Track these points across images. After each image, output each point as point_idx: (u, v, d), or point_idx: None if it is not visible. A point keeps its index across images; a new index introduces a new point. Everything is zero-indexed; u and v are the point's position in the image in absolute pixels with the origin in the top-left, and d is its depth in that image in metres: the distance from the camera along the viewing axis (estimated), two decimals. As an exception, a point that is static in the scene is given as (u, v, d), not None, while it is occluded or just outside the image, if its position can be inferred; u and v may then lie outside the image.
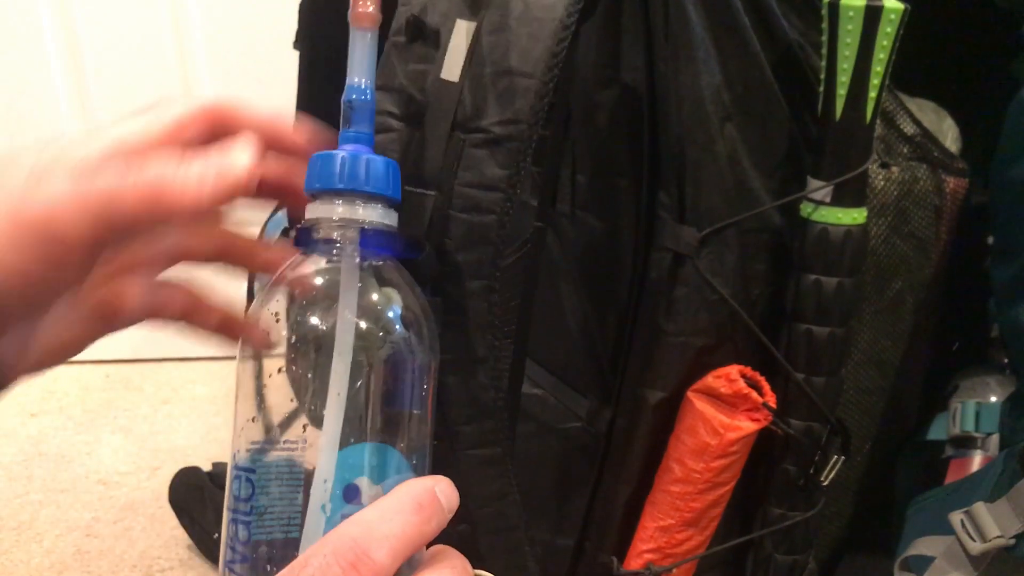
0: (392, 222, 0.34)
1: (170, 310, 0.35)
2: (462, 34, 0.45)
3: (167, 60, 1.25)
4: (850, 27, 0.46)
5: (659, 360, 0.51)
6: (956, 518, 0.51)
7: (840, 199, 0.49)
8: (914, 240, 0.56)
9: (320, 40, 0.66)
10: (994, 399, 0.60)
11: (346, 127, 0.35)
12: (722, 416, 0.50)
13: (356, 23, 0.35)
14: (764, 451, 0.53)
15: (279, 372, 0.33)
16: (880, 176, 0.54)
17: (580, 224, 0.52)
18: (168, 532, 1.01)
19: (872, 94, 0.47)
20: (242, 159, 0.31)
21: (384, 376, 0.33)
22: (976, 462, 0.58)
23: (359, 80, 0.35)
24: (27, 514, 1.06)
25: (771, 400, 0.51)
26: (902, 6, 0.46)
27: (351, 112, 0.35)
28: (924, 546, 0.53)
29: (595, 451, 0.55)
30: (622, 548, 0.55)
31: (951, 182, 0.56)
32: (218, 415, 1.29)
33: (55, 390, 1.35)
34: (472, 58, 0.45)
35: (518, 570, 0.54)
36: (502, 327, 0.55)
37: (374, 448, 0.32)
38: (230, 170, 0.31)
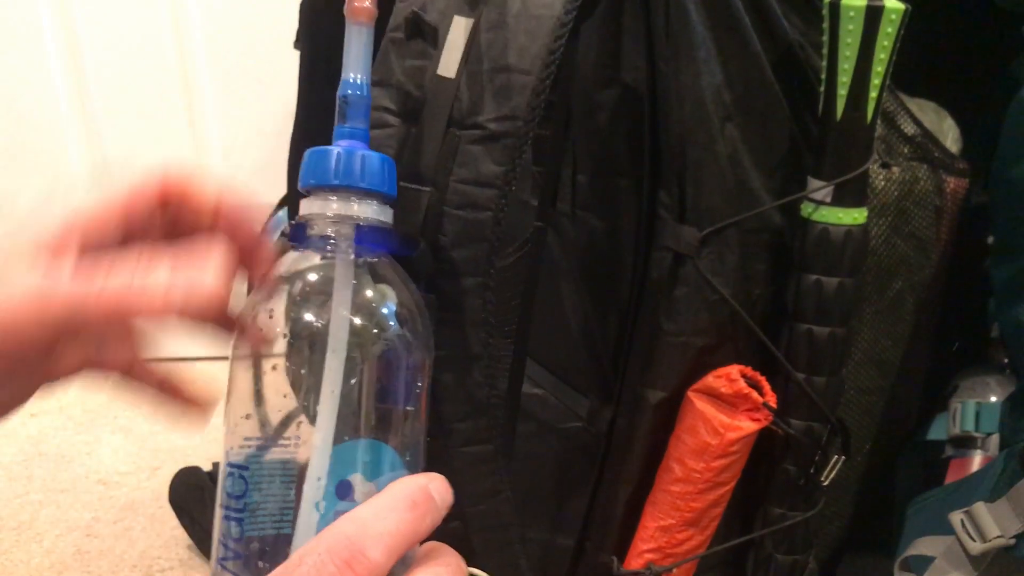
0: (387, 219, 0.34)
1: (110, 368, 0.35)
2: (460, 31, 0.45)
3: (167, 60, 1.25)
4: (851, 27, 0.46)
5: (660, 360, 0.51)
6: (956, 518, 0.51)
7: (841, 199, 0.49)
8: (914, 240, 0.56)
9: (320, 40, 0.66)
10: (994, 399, 0.60)
11: (341, 123, 0.34)
12: (723, 416, 0.50)
13: (352, 17, 0.35)
14: (764, 451, 0.53)
15: (273, 369, 0.33)
16: (880, 176, 0.54)
17: (581, 224, 0.52)
18: (168, 532, 1.01)
19: (873, 94, 0.47)
20: (209, 280, 0.30)
21: (378, 373, 0.32)
22: (976, 462, 0.58)
23: (354, 75, 0.35)
24: (27, 514, 1.06)
25: (771, 400, 0.51)
26: (903, 6, 0.46)
27: (346, 107, 0.34)
28: (924, 546, 0.53)
29: (595, 451, 0.55)
30: (622, 548, 0.55)
31: (951, 182, 0.56)
32: (218, 415, 1.29)
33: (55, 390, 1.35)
34: (469, 55, 0.45)
35: (511, 568, 0.54)
36: (501, 326, 0.55)
37: (368, 445, 0.32)
38: (199, 291, 0.29)
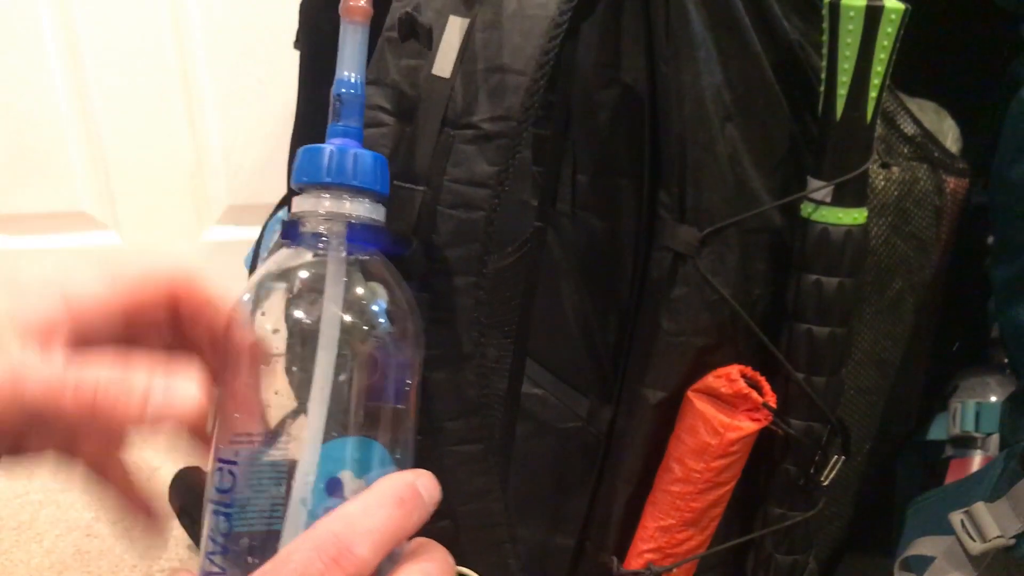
0: (379, 217, 0.34)
1: (78, 459, 0.33)
2: (455, 30, 0.46)
3: (167, 60, 1.25)
4: (851, 27, 0.46)
5: (659, 360, 0.51)
6: (956, 518, 0.51)
7: (841, 199, 0.49)
8: (914, 240, 0.56)
9: (320, 40, 0.66)
10: (994, 399, 0.60)
11: (335, 121, 0.35)
12: (722, 416, 0.50)
13: (347, 16, 0.35)
14: (764, 451, 0.53)
15: (263, 366, 0.33)
16: (880, 176, 0.54)
17: (581, 224, 0.53)
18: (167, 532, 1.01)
19: (873, 94, 0.47)
20: (191, 391, 0.28)
21: (368, 370, 0.32)
22: (976, 462, 0.58)
23: (349, 74, 0.35)
24: (27, 514, 1.06)
25: (771, 400, 0.51)
26: (903, 6, 0.46)
27: (340, 106, 0.35)
28: (924, 546, 0.53)
29: (595, 451, 0.55)
30: (622, 548, 0.55)
31: (951, 182, 0.56)
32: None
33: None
34: (464, 55, 0.45)
35: (500, 568, 0.54)
36: (501, 326, 0.55)
37: (357, 442, 0.32)
38: (178, 400, 0.28)
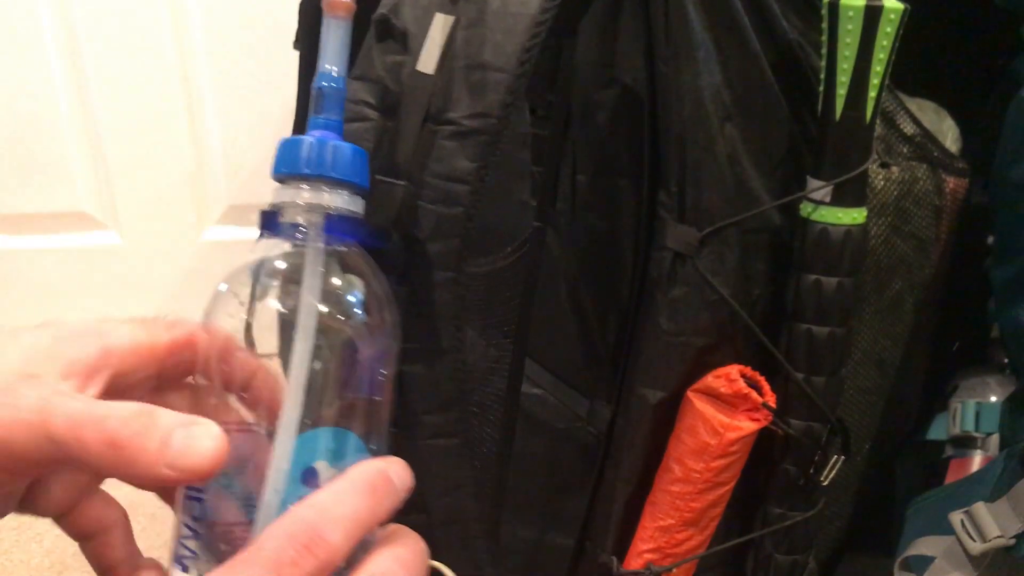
0: (358, 209, 0.34)
1: (86, 523, 0.34)
2: (439, 28, 0.46)
3: (167, 60, 1.25)
4: (850, 27, 0.46)
5: (659, 360, 0.51)
6: (956, 518, 0.51)
7: (840, 199, 0.49)
8: (914, 240, 0.56)
9: (318, 41, 0.66)
10: (994, 399, 0.60)
11: (316, 114, 0.35)
12: (722, 416, 0.50)
13: (330, 11, 0.35)
14: (764, 451, 0.53)
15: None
16: (880, 176, 0.54)
17: (580, 224, 0.53)
18: (168, 532, 1.00)
19: (872, 94, 0.47)
20: (208, 445, 0.28)
21: (345, 361, 0.33)
22: (976, 462, 0.58)
23: (330, 68, 0.35)
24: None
25: (771, 400, 0.51)
26: (902, 6, 0.46)
27: (321, 99, 0.35)
28: (924, 546, 0.53)
29: (595, 451, 0.55)
30: (622, 548, 0.55)
31: (951, 182, 0.56)
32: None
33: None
34: (447, 51, 0.46)
35: (471, 563, 0.54)
36: (501, 326, 0.55)
37: (333, 433, 0.32)
38: (194, 453, 0.27)
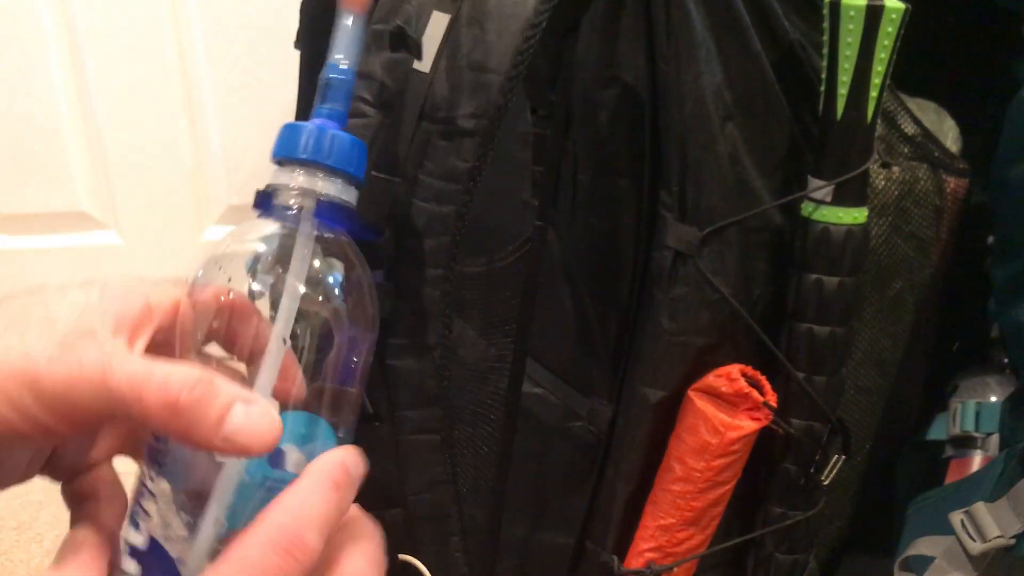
0: (350, 199, 0.35)
1: (88, 488, 0.33)
2: (437, 26, 0.46)
3: (167, 60, 1.25)
4: (851, 27, 0.46)
5: (660, 359, 0.51)
6: (956, 518, 0.51)
7: (841, 198, 0.49)
8: (915, 240, 0.56)
9: (322, 40, 0.66)
10: (994, 399, 0.60)
11: (321, 103, 0.35)
12: (723, 415, 0.50)
13: (346, 4, 0.36)
14: (765, 450, 0.53)
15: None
16: (881, 176, 0.54)
17: (581, 223, 0.53)
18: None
19: (873, 94, 0.47)
20: (264, 425, 0.28)
21: (320, 346, 0.33)
22: (976, 462, 0.58)
23: (341, 59, 0.35)
24: (27, 514, 1.06)
25: (772, 399, 0.51)
26: (903, 6, 0.46)
27: (327, 90, 0.35)
28: (924, 546, 0.53)
29: (596, 450, 0.55)
30: (623, 547, 0.55)
31: (952, 182, 0.56)
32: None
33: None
34: (444, 50, 0.46)
35: (447, 560, 0.55)
36: (501, 325, 0.55)
37: (302, 417, 0.32)
38: (251, 430, 0.28)
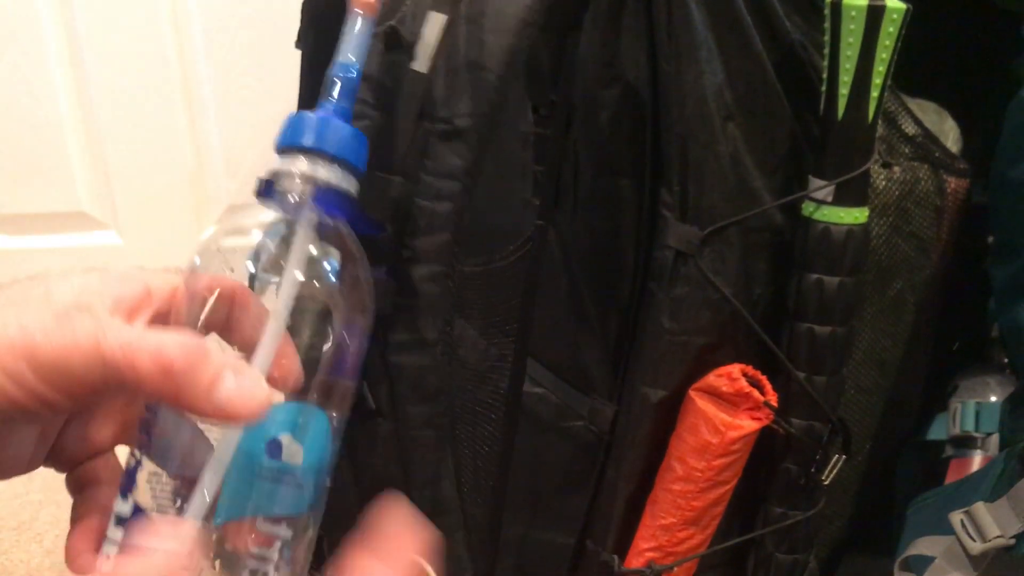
0: (350, 188, 0.35)
1: (91, 474, 0.33)
2: (435, 26, 0.47)
3: (167, 60, 1.25)
4: (852, 27, 0.46)
5: (661, 358, 0.51)
6: (956, 518, 0.51)
7: (842, 198, 0.49)
8: (915, 240, 0.56)
9: (322, 40, 0.66)
10: (994, 399, 0.60)
11: (326, 98, 0.36)
12: (724, 415, 0.50)
13: (356, 6, 0.36)
14: (765, 450, 0.53)
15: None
16: (882, 176, 0.54)
17: (582, 223, 0.53)
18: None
19: (874, 94, 0.47)
20: (255, 394, 0.28)
21: (316, 335, 0.33)
22: (976, 462, 0.59)
23: (349, 58, 0.36)
24: (27, 514, 1.06)
25: (772, 399, 0.51)
26: (904, 6, 0.46)
27: (333, 86, 0.36)
28: (924, 546, 0.53)
29: (597, 449, 0.55)
30: (623, 546, 0.55)
31: (952, 182, 0.56)
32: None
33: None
34: (443, 50, 0.47)
35: (450, 556, 0.55)
36: (502, 325, 0.55)
37: (300, 407, 0.32)
38: (243, 398, 0.28)
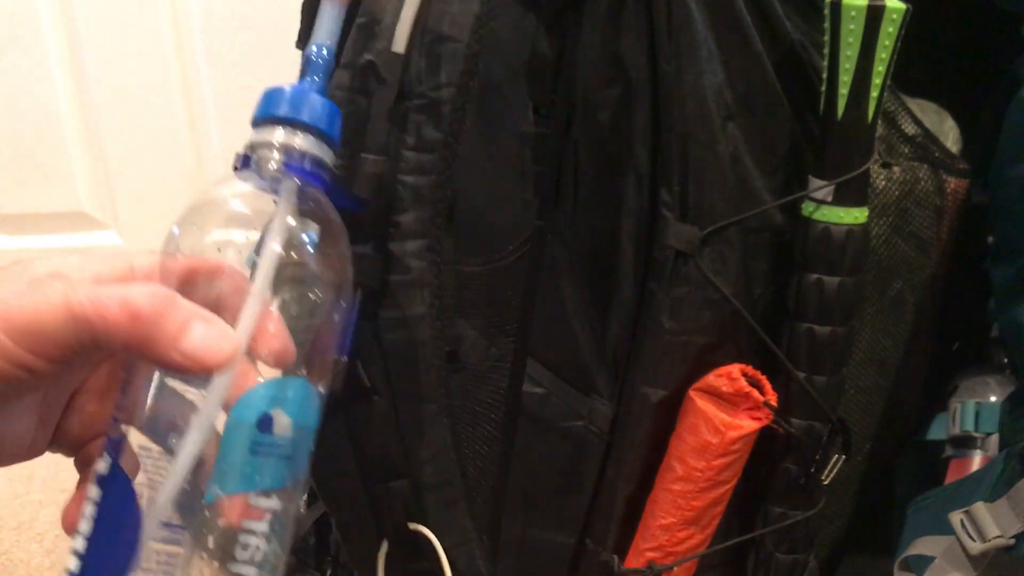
0: (326, 157, 0.36)
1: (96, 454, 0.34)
2: (411, 7, 0.49)
3: (167, 60, 1.25)
4: (852, 27, 0.46)
5: (661, 358, 0.51)
6: (956, 518, 0.51)
7: (842, 198, 0.49)
8: (915, 240, 0.56)
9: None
10: (994, 399, 0.60)
11: (302, 77, 0.38)
12: (724, 415, 0.50)
13: None
14: (765, 450, 0.53)
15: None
16: (881, 176, 0.54)
17: (582, 222, 0.53)
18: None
19: (874, 94, 0.47)
20: (221, 344, 0.29)
21: (298, 305, 0.34)
22: (976, 462, 0.58)
23: (322, 41, 0.38)
24: (27, 514, 1.06)
25: (772, 399, 0.51)
26: (904, 6, 0.46)
27: (307, 66, 0.38)
28: (924, 546, 0.53)
29: (597, 449, 0.55)
30: (623, 546, 0.55)
31: (952, 182, 0.56)
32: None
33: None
34: (418, 27, 0.49)
35: (456, 527, 0.56)
36: (502, 325, 0.55)
37: (290, 382, 0.33)
38: (208, 346, 0.29)
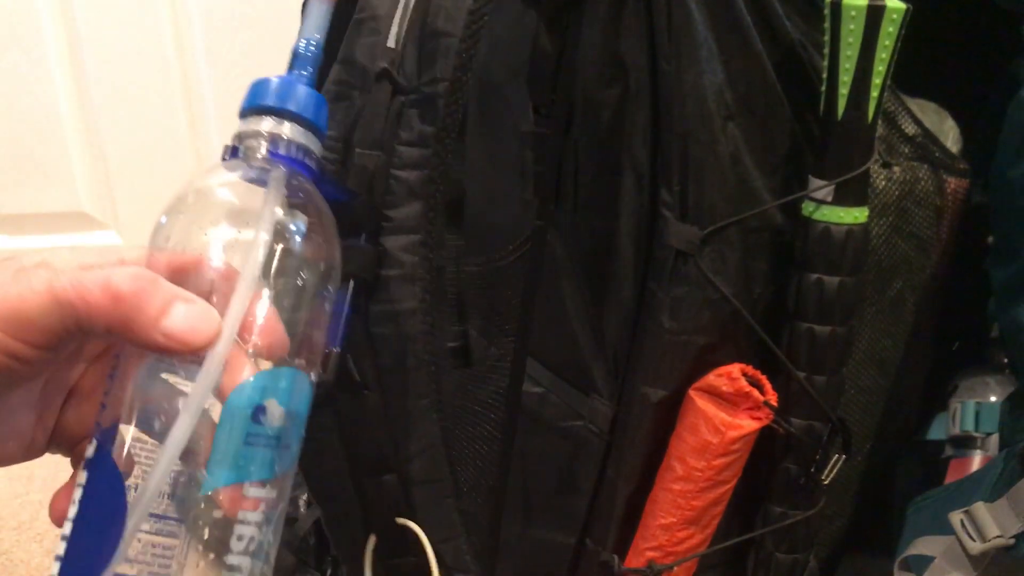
0: (313, 147, 0.37)
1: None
2: (403, 2, 0.49)
3: (167, 60, 1.25)
4: (852, 27, 0.46)
5: (661, 358, 0.51)
6: (956, 518, 0.51)
7: (842, 198, 0.49)
8: (915, 240, 0.56)
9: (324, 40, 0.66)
10: (994, 399, 0.60)
11: (290, 70, 0.38)
12: (724, 414, 0.50)
13: None
14: (765, 450, 0.53)
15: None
16: (881, 176, 0.54)
17: (582, 222, 0.53)
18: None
19: (874, 94, 0.47)
20: (203, 326, 0.30)
21: (288, 294, 0.34)
22: (976, 462, 0.59)
23: (310, 35, 0.39)
24: (27, 514, 1.06)
25: (772, 399, 0.51)
26: (904, 6, 0.46)
27: (295, 59, 0.38)
28: (924, 546, 0.53)
29: (597, 449, 0.55)
30: (623, 546, 0.55)
31: (952, 182, 0.56)
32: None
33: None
34: (413, 23, 0.49)
35: (445, 523, 0.56)
36: (502, 325, 0.55)
37: (283, 372, 0.33)
38: (189, 327, 0.29)
